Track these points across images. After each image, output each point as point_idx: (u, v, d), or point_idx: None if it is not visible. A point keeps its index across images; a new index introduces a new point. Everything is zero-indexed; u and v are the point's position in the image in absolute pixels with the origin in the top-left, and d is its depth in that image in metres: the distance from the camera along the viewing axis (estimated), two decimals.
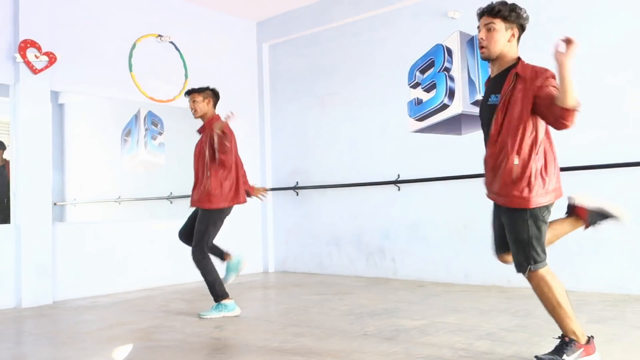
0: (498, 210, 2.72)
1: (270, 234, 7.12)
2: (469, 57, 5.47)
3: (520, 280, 4.97)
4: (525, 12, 2.67)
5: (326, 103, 6.63)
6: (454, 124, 5.56)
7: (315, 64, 6.76)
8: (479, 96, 5.36)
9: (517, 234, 2.57)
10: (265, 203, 7.14)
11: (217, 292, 4.16)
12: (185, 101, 6.42)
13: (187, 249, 4.29)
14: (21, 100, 5.06)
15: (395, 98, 5.97)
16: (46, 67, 5.16)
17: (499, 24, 2.60)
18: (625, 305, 4.09)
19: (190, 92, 4.39)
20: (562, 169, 4.83)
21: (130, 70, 5.96)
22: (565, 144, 4.83)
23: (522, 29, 2.68)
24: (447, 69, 5.60)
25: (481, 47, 2.65)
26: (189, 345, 3.35)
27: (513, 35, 2.64)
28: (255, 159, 7.18)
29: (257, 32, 7.29)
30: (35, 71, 5.10)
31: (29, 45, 5.06)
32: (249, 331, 3.68)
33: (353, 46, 6.40)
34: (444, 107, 5.62)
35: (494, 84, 2.68)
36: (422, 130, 5.75)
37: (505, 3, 2.64)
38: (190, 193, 4.33)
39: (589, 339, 2.62)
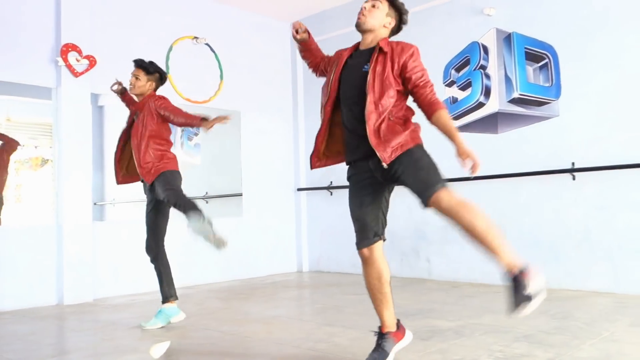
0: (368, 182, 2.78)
1: (304, 234, 7.15)
2: (506, 55, 5.38)
3: (558, 281, 4.90)
4: (404, 7, 2.83)
5: None
6: (490, 123, 5.47)
7: None
8: (516, 94, 5.27)
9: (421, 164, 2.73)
10: (299, 203, 7.17)
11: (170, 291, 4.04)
12: (220, 102, 6.57)
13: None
14: (63, 102, 5.21)
15: None
16: (86, 70, 5.30)
17: (383, 6, 2.77)
18: None
19: (137, 65, 4.05)
20: (604, 168, 4.71)
21: (167, 72, 6.06)
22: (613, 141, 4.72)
23: (400, 21, 2.85)
24: (483, 67, 5.52)
25: (361, 15, 2.79)
26: (224, 344, 3.39)
27: (390, 22, 2.81)
28: (289, 158, 7.23)
29: (291, 33, 7.31)
30: (76, 74, 5.24)
31: (70, 49, 5.20)
32: (283, 330, 3.70)
33: None
34: (480, 105, 5.54)
35: (362, 55, 2.85)
36: (457, 129, 5.68)
37: None
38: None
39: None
